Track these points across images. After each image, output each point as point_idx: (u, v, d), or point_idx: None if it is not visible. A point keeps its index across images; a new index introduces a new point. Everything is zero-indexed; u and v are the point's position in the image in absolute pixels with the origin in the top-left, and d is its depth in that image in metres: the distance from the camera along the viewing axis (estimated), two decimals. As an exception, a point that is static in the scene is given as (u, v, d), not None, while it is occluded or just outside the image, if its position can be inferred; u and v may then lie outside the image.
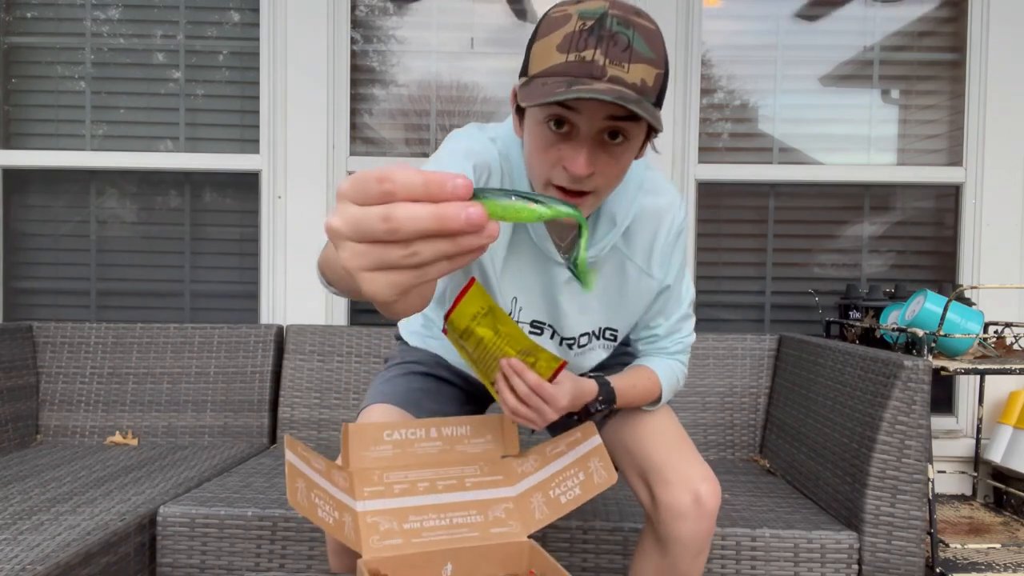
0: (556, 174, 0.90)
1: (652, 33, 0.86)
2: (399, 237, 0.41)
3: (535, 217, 0.47)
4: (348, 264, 0.42)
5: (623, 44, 0.82)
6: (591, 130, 0.86)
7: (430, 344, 1.32)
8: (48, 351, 2.11)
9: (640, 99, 0.83)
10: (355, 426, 1.07)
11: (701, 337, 2.06)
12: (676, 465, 1.12)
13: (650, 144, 0.97)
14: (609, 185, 0.93)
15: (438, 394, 1.26)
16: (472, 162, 1.00)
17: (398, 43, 2.31)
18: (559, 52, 0.84)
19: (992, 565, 1.58)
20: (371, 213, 0.41)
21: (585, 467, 1.07)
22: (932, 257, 2.29)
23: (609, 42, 0.82)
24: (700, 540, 1.11)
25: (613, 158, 0.89)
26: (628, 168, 0.93)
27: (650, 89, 0.85)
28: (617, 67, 0.82)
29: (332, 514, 0.98)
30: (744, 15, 2.28)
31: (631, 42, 0.83)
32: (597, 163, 0.88)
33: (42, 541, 1.26)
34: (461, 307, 0.93)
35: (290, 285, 2.25)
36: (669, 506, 1.10)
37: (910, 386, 1.38)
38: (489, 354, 0.99)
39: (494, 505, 1.09)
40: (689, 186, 2.23)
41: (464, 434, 1.13)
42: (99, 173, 2.33)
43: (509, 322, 0.95)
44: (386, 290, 0.43)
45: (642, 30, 0.84)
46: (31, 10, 2.32)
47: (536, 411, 0.99)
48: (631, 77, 0.83)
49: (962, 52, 2.23)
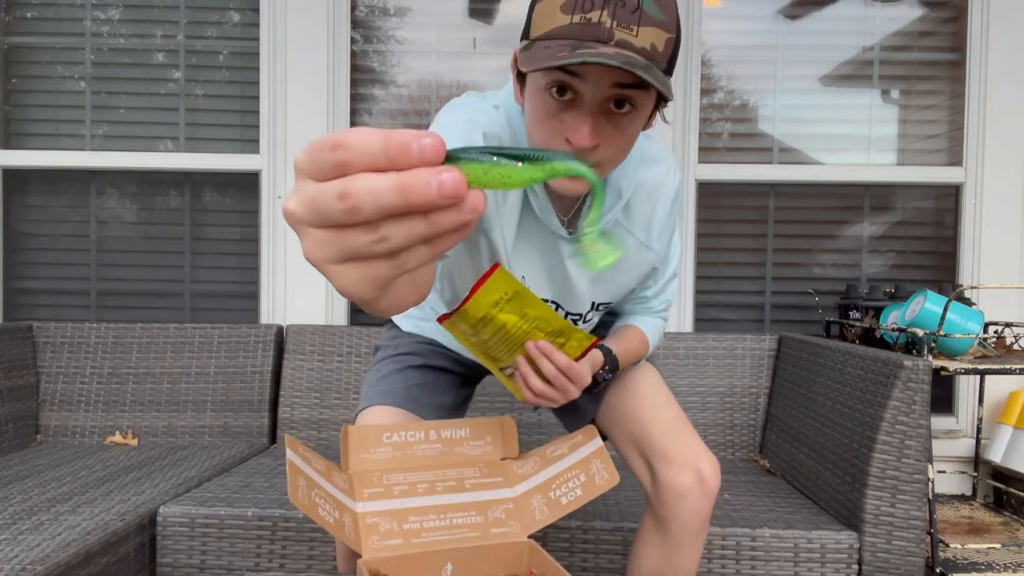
0: (558, 145, 0.84)
1: None
2: (361, 218, 0.33)
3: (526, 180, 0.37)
4: (311, 256, 0.35)
5: (632, 5, 0.77)
6: (596, 98, 0.81)
7: (423, 328, 1.28)
8: (48, 351, 2.11)
9: (649, 65, 0.77)
10: (354, 428, 1.07)
11: (701, 337, 2.06)
12: (678, 444, 1.12)
13: (659, 114, 0.90)
14: (615, 158, 0.87)
15: (436, 386, 1.24)
16: (480, 131, 0.93)
17: (398, 43, 2.31)
18: (563, 13, 0.78)
19: (992, 565, 1.58)
20: (327, 190, 0.33)
21: (587, 469, 1.07)
22: (932, 257, 2.29)
23: (617, 3, 0.76)
24: (700, 519, 1.11)
25: (619, 129, 0.83)
26: (635, 140, 0.88)
27: (660, 54, 0.79)
28: (625, 30, 0.77)
29: (332, 513, 0.98)
30: (744, 15, 2.28)
31: (641, 3, 0.77)
32: (602, 134, 0.83)
33: (42, 541, 1.26)
34: (479, 296, 0.85)
35: (290, 285, 2.25)
36: (672, 484, 1.10)
37: (910, 386, 1.38)
38: (511, 340, 0.94)
39: (494, 506, 1.09)
40: (689, 186, 2.23)
41: (463, 436, 1.13)
42: (99, 173, 2.33)
43: (539, 304, 0.89)
44: (361, 286, 0.36)
45: None
46: (31, 10, 2.32)
47: (562, 391, 0.97)
48: (640, 41, 0.77)
49: (962, 52, 2.23)
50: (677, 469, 1.11)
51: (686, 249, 2.24)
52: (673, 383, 2.03)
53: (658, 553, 1.16)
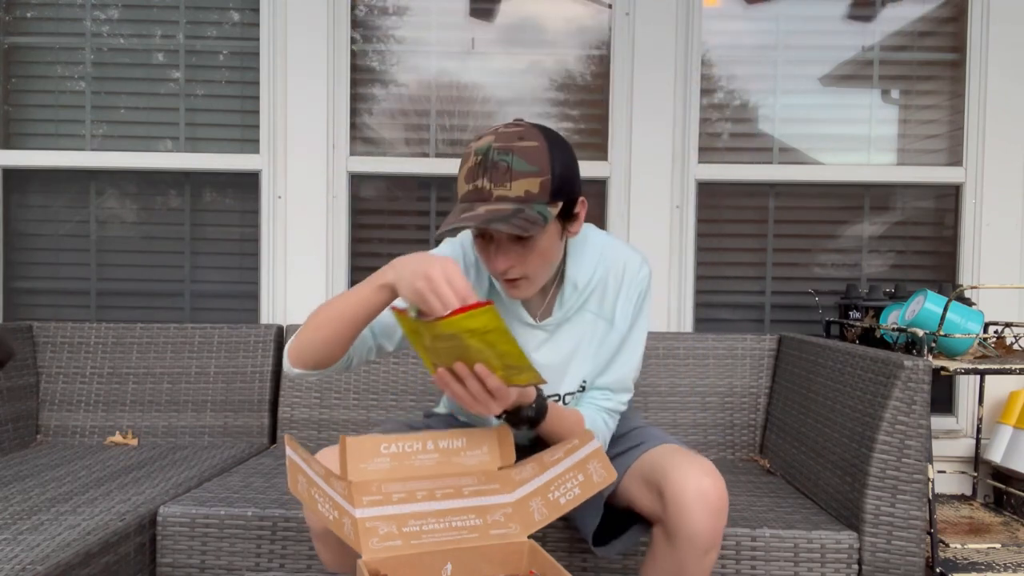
0: (492, 270, 1.16)
1: (533, 150, 1.08)
2: None
3: None
4: None
5: (503, 168, 1.06)
6: (501, 235, 1.11)
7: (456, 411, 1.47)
8: (48, 351, 2.11)
9: (520, 208, 1.05)
10: (352, 439, 1.07)
11: (701, 337, 2.06)
12: (680, 463, 1.14)
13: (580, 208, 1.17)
14: (535, 271, 1.15)
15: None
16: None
17: (398, 43, 2.31)
18: (465, 183, 1.10)
19: (992, 565, 1.58)
20: None
21: (584, 469, 1.07)
22: (932, 257, 2.29)
23: (492, 170, 1.06)
24: (707, 537, 1.11)
25: (527, 250, 1.12)
26: (554, 249, 1.16)
27: (536, 195, 1.07)
28: (501, 187, 1.06)
29: (331, 512, 0.98)
30: (744, 15, 2.28)
31: (511, 165, 1.06)
32: (512, 258, 1.12)
33: (42, 541, 1.26)
34: (459, 320, 0.93)
35: (290, 285, 2.25)
36: (674, 498, 1.11)
37: (910, 386, 1.38)
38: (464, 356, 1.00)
39: (493, 510, 1.09)
40: (689, 186, 2.23)
41: (460, 446, 1.13)
42: (99, 173, 2.33)
43: (512, 342, 0.97)
44: None
45: (521, 151, 1.07)
46: (31, 10, 2.32)
47: (482, 404, 1.06)
48: (515, 191, 1.06)
49: (962, 52, 2.23)
50: (678, 484, 1.11)
51: (687, 249, 2.24)
52: (673, 383, 2.03)
53: (663, 567, 1.16)
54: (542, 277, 1.18)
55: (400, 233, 2.34)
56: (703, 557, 1.12)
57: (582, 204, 1.17)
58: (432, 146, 2.32)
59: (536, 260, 1.13)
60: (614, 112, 2.24)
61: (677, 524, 1.11)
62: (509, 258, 1.12)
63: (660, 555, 1.17)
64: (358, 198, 2.32)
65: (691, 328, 2.26)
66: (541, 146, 1.09)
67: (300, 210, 2.24)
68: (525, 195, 1.07)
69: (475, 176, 1.07)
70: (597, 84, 2.30)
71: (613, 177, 2.24)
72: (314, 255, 2.24)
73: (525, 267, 1.13)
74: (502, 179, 1.06)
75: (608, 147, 2.25)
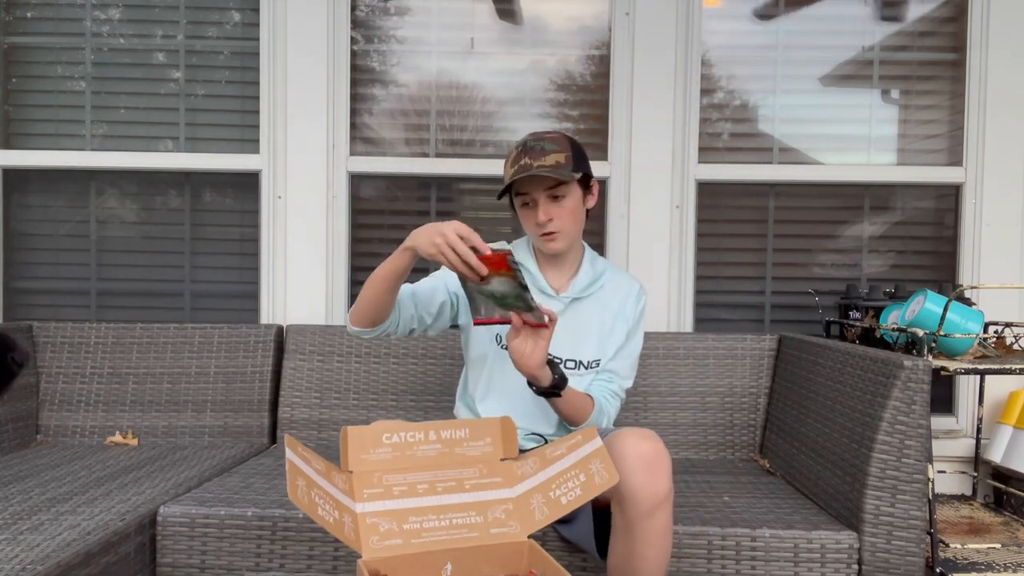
0: (534, 228, 1.48)
1: (557, 138, 1.46)
2: None
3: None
4: None
5: (538, 150, 1.43)
6: (540, 195, 1.45)
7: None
8: (48, 351, 2.11)
9: (555, 168, 1.40)
10: (354, 429, 1.07)
11: (701, 337, 2.06)
12: (620, 433, 1.24)
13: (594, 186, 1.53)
14: (567, 227, 1.47)
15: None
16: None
17: (398, 43, 2.31)
18: (511, 166, 1.46)
19: (992, 565, 1.58)
20: None
21: (586, 468, 1.07)
22: (932, 257, 2.29)
23: (531, 152, 1.43)
24: (648, 494, 1.16)
25: (560, 207, 1.46)
26: (579, 212, 1.50)
27: (563, 165, 1.42)
28: (539, 160, 1.41)
29: (332, 513, 0.98)
30: (744, 15, 2.28)
31: (543, 147, 1.43)
32: (550, 211, 1.45)
33: (42, 541, 1.27)
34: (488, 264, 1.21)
35: (290, 285, 2.25)
36: (617, 464, 1.16)
37: (910, 386, 1.38)
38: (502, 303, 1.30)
39: (494, 506, 1.09)
40: (689, 186, 2.23)
41: (463, 437, 1.13)
42: (99, 173, 2.33)
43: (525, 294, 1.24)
44: None
45: (549, 139, 1.45)
46: (31, 10, 2.32)
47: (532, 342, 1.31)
48: (548, 162, 1.41)
49: (962, 52, 2.23)
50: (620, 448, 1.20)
51: (687, 249, 2.24)
52: (673, 383, 2.03)
53: (620, 543, 1.22)
54: (571, 234, 1.49)
55: (400, 233, 2.32)
56: (648, 520, 1.17)
57: (595, 184, 1.54)
58: (432, 146, 2.32)
59: (568, 217, 1.46)
60: (614, 112, 2.24)
61: (623, 489, 1.17)
62: (548, 211, 1.44)
63: (617, 530, 1.23)
64: (358, 198, 2.32)
65: (691, 328, 2.26)
66: (561, 138, 1.48)
67: (300, 210, 2.24)
68: (556, 164, 1.42)
69: (518, 159, 1.43)
70: (597, 84, 2.30)
71: (613, 177, 2.24)
72: (314, 255, 2.24)
73: (560, 221, 1.45)
74: (539, 156, 1.41)
75: (608, 147, 2.25)
